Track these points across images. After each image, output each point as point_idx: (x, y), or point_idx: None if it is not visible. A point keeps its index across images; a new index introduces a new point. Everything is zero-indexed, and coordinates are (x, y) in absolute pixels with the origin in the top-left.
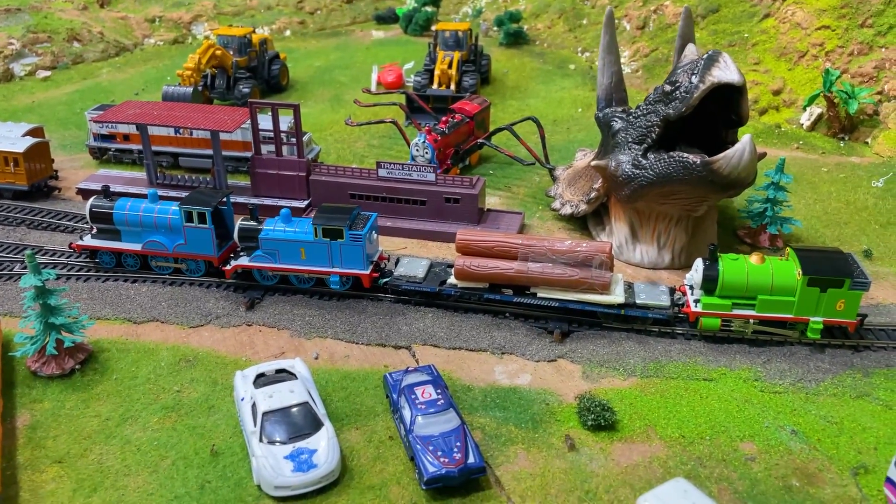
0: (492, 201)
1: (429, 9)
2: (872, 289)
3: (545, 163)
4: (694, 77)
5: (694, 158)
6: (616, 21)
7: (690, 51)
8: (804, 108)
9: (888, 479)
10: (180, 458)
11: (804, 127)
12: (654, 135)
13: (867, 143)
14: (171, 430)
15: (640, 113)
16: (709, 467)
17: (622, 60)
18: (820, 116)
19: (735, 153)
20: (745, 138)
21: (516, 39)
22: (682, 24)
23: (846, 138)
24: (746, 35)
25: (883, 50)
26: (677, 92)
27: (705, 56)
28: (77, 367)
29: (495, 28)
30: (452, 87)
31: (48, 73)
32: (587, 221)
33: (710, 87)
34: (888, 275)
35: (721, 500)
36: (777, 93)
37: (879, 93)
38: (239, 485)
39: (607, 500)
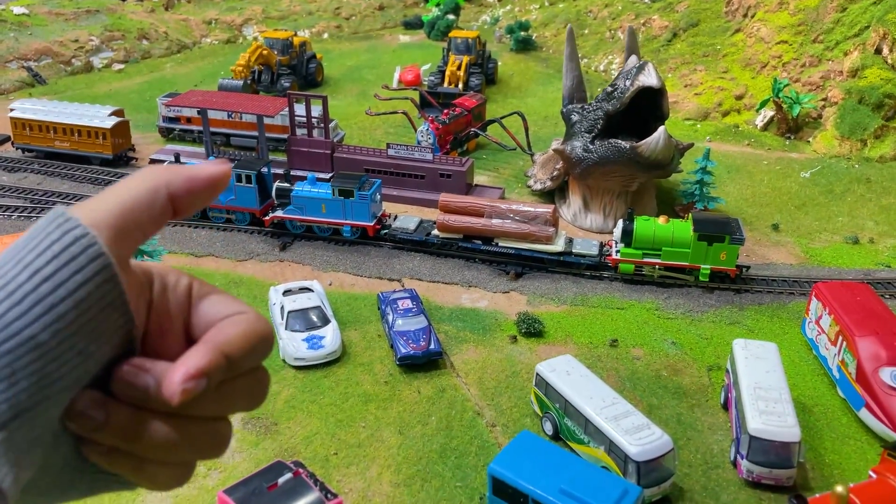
0: (481, 179)
1: (450, 16)
2: (769, 251)
3: (527, 149)
4: (627, 82)
5: (625, 144)
6: (610, 32)
7: (632, 61)
8: (757, 111)
9: (726, 370)
10: None
11: (758, 127)
12: (599, 126)
13: (809, 141)
14: None
15: (590, 108)
16: (605, 362)
17: (613, 66)
18: (771, 119)
19: (653, 140)
20: (660, 129)
21: (525, 46)
22: (628, 40)
23: (791, 137)
24: (719, 47)
25: (829, 63)
26: (616, 93)
27: (637, 65)
28: None
29: (507, 35)
30: (460, 86)
31: (122, 65)
32: (554, 195)
33: (637, 89)
34: (787, 243)
35: (608, 381)
36: (739, 97)
37: (824, 99)
38: (268, 360)
39: (526, 377)
